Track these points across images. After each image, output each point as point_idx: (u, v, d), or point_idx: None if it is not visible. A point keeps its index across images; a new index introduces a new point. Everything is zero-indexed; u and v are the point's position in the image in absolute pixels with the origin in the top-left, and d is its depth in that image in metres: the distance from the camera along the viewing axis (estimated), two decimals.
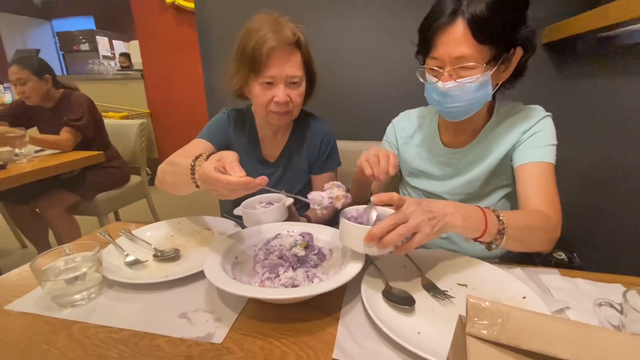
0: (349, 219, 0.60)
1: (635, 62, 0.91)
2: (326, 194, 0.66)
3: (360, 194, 0.94)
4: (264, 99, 0.85)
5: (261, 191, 1.00)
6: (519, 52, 0.69)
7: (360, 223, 0.60)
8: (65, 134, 1.79)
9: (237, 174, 0.55)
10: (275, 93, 0.84)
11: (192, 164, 0.63)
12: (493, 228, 0.58)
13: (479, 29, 0.63)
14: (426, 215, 0.53)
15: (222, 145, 0.96)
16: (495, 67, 0.67)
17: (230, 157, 0.58)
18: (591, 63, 1.12)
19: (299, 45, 0.85)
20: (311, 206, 0.65)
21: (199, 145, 0.92)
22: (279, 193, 0.82)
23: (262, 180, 0.58)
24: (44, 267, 0.59)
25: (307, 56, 0.88)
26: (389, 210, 0.62)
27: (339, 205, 0.65)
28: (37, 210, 1.89)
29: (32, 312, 0.56)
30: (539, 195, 0.70)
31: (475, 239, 0.60)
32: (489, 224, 0.58)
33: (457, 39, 0.65)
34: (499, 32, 0.64)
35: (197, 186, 0.64)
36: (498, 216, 0.60)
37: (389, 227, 0.51)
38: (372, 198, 0.55)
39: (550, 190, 0.70)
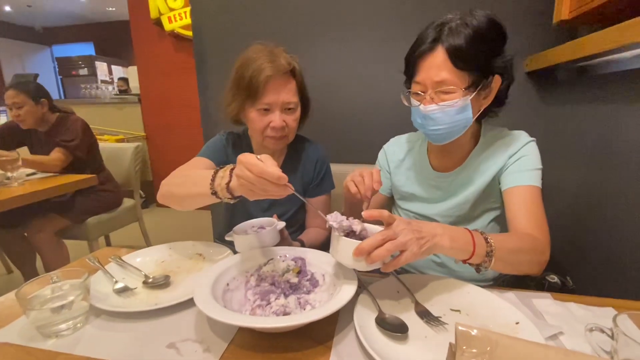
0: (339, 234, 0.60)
1: (611, 90, 0.95)
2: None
3: (352, 216, 0.94)
4: (260, 124, 0.88)
5: (252, 216, 1.00)
6: (497, 80, 0.73)
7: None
8: (55, 154, 1.78)
9: (273, 168, 0.55)
10: (272, 119, 0.87)
11: (214, 174, 0.64)
12: (481, 250, 0.59)
13: (457, 57, 0.68)
14: (415, 235, 0.54)
15: (221, 164, 0.97)
16: (475, 93, 0.71)
17: (269, 157, 0.57)
18: (571, 91, 1.17)
19: (294, 73, 0.89)
20: (329, 223, 0.62)
21: (200, 162, 0.93)
22: (271, 217, 0.82)
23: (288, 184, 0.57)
24: (30, 295, 0.58)
25: (302, 83, 0.92)
26: (380, 228, 0.62)
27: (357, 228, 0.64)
28: (25, 234, 1.85)
29: (14, 343, 0.54)
30: (527, 218, 0.71)
31: (464, 261, 0.61)
32: (477, 245, 0.59)
33: (437, 64, 0.69)
34: (476, 61, 0.69)
35: (215, 194, 0.63)
36: (486, 238, 0.61)
37: (377, 242, 0.52)
38: (363, 214, 0.56)
39: (537, 213, 0.72)
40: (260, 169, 0.54)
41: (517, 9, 1.25)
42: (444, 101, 0.71)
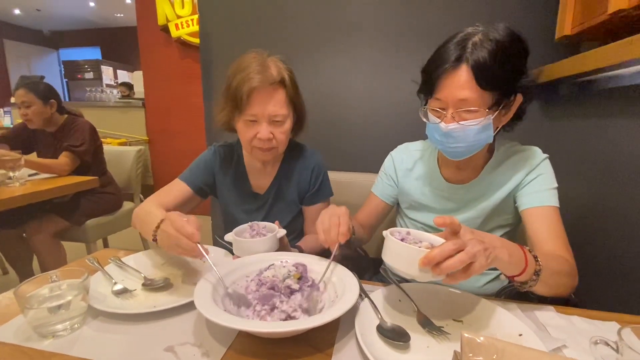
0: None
1: (613, 105, 0.96)
2: None
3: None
4: (247, 135, 0.87)
5: (256, 217, 1.00)
6: (519, 99, 0.72)
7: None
8: (63, 158, 1.79)
9: (194, 232, 0.64)
10: (258, 130, 0.85)
11: (159, 223, 0.71)
12: (531, 268, 0.58)
13: (482, 75, 0.65)
14: (482, 246, 0.50)
15: (203, 185, 0.99)
16: (497, 112, 0.69)
17: (194, 219, 0.67)
18: (573, 105, 1.18)
19: (284, 84, 0.86)
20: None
21: (176, 189, 0.96)
22: (273, 223, 0.82)
23: (205, 250, 0.65)
24: (28, 294, 0.57)
25: (294, 94, 0.89)
26: (436, 237, 0.59)
27: None
28: (23, 235, 1.84)
29: (10, 342, 0.53)
30: (554, 241, 0.70)
31: (512, 277, 0.59)
32: (529, 263, 0.57)
33: (461, 83, 0.67)
34: (501, 79, 0.67)
35: (155, 240, 0.72)
36: (535, 257, 0.59)
37: (450, 252, 0.48)
38: (434, 219, 0.52)
39: (563, 236, 0.71)
40: (180, 224, 0.64)
41: (521, 24, 1.25)
42: (466, 120, 0.68)
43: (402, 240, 0.57)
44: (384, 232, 0.58)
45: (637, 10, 0.80)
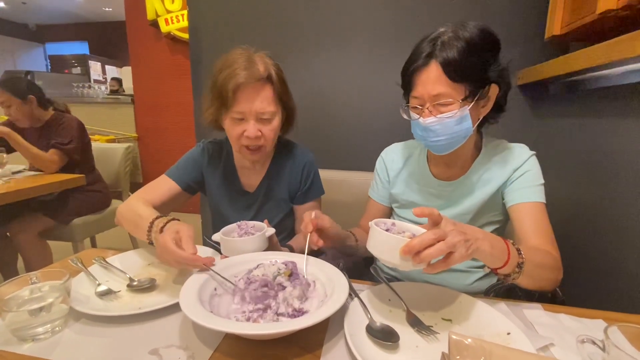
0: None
1: (601, 104, 0.98)
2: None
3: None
4: (234, 133, 0.85)
5: (245, 216, 0.98)
6: (494, 88, 0.74)
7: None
8: (52, 156, 1.75)
9: (189, 250, 0.63)
10: (246, 128, 0.84)
11: (150, 224, 0.74)
12: (514, 260, 0.59)
13: (452, 70, 0.68)
14: (463, 236, 0.51)
15: (191, 182, 0.98)
16: (473, 103, 0.71)
17: (186, 233, 0.67)
18: (562, 105, 1.19)
19: (270, 80, 0.84)
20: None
21: (163, 184, 0.94)
22: (262, 222, 0.81)
23: (209, 260, 0.64)
24: (7, 296, 0.55)
25: (282, 90, 0.87)
26: (418, 228, 0.61)
27: None
28: (7, 234, 1.79)
29: None
30: (539, 235, 0.72)
31: (495, 269, 0.60)
32: (511, 255, 0.58)
33: (433, 79, 0.69)
34: (471, 72, 0.69)
35: (151, 243, 0.74)
36: (518, 249, 0.60)
37: (429, 241, 0.50)
38: (413, 210, 0.54)
39: (549, 231, 0.73)
40: (178, 255, 0.63)
41: (511, 24, 1.28)
42: (442, 113, 0.71)
43: (387, 230, 0.59)
44: (370, 223, 0.59)
45: (626, 10, 0.80)
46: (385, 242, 0.55)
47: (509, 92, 0.79)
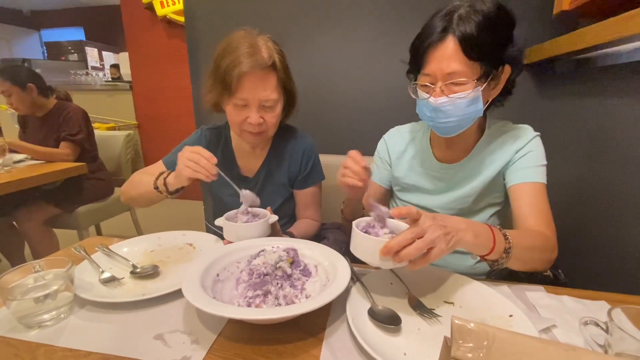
0: (360, 230, 0.58)
1: (610, 83, 0.95)
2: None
3: (355, 210, 0.93)
4: (237, 119, 0.84)
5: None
6: (507, 70, 0.71)
7: (369, 235, 0.59)
8: (65, 149, 1.77)
9: (212, 155, 0.74)
10: (249, 114, 0.83)
11: (158, 175, 0.82)
12: (500, 246, 0.58)
13: (469, 46, 0.65)
14: (442, 231, 0.51)
15: None
16: (486, 84, 0.69)
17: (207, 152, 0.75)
18: (570, 83, 1.16)
19: (274, 67, 0.83)
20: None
21: (157, 169, 0.93)
22: (265, 209, 0.80)
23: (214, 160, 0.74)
24: (11, 284, 0.56)
25: (285, 77, 0.86)
26: (400, 223, 0.61)
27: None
28: (13, 222, 1.81)
29: None
30: (536, 216, 0.71)
31: (482, 257, 0.59)
32: (497, 242, 0.58)
33: (448, 55, 0.66)
34: (489, 50, 0.66)
35: (157, 188, 0.81)
36: (505, 235, 0.59)
37: (406, 240, 0.50)
38: (391, 211, 0.54)
39: (545, 211, 0.72)
40: (199, 149, 0.74)
41: (517, 0, 1.23)
42: (455, 93, 0.68)
43: (368, 228, 0.61)
44: (353, 223, 0.60)
45: None
46: (365, 244, 0.56)
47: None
